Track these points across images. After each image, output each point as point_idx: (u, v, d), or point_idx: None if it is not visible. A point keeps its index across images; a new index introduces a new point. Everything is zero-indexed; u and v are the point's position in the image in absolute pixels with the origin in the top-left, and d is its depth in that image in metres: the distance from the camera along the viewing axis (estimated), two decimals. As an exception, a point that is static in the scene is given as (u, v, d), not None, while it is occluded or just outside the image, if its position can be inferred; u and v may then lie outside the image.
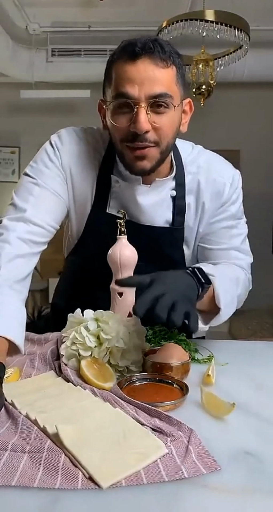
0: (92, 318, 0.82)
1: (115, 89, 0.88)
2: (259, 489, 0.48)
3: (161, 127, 0.88)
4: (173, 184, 1.03)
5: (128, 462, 0.51)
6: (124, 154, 0.93)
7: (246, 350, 1.02)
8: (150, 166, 0.92)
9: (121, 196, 1.02)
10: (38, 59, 4.06)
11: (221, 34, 2.48)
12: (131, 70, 0.85)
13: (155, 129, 0.88)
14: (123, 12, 3.50)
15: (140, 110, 0.85)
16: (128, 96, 0.85)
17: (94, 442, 0.55)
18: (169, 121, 0.89)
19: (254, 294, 1.07)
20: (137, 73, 0.84)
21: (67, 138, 1.02)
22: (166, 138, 0.90)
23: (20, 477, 0.49)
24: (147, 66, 0.85)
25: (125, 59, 0.86)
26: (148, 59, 0.84)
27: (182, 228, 1.05)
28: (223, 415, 0.65)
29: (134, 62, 0.85)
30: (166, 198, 1.02)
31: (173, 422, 0.61)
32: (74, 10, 3.54)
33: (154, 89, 0.85)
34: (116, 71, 0.88)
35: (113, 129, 0.91)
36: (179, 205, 1.03)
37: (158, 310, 0.71)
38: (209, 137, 4.48)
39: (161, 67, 0.85)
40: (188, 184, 1.04)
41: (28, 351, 0.92)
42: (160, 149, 0.91)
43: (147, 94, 0.85)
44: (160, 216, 1.03)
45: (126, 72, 0.85)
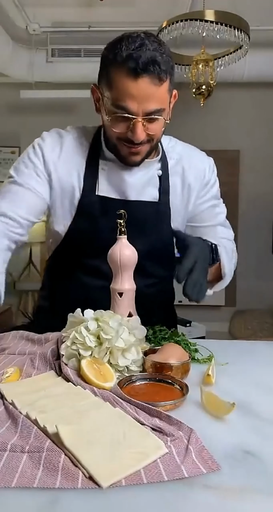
0: (93, 318, 0.82)
1: (116, 99, 0.97)
2: (259, 489, 0.48)
3: (154, 132, 1.01)
4: (159, 165, 1.15)
5: (128, 462, 0.51)
6: (119, 148, 1.04)
7: (246, 350, 1.03)
8: (140, 159, 1.06)
9: (110, 177, 1.11)
10: (38, 59, 4.06)
11: (221, 34, 2.48)
12: (132, 87, 0.94)
13: (148, 134, 1.00)
14: (123, 12, 3.50)
15: (137, 124, 0.97)
16: (128, 111, 0.96)
17: (94, 442, 0.55)
18: (160, 127, 1.02)
19: (254, 294, 1.09)
20: (137, 91, 0.94)
21: (48, 137, 1.12)
22: (156, 137, 1.04)
23: (19, 477, 0.49)
24: (146, 85, 0.94)
25: (126, 74, 0.94)
26: (147, 78, 0.94)
27: (168, 204, 1.15)
28: (223, 415, 0.65)
29: (135, 80, 0.94)
30: (153, 177, 1.13)
31: (173, 421, 0.61)
32: (74, 10, 3.54)
33: (150, 106, 0.96)
34: (117, 81, 0.96)
35: (111, 131, 1.02)
36: (164, 184, 1.15)
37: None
38: (209, 137, 4.50)
39: (158, 85, 0.95)
40: (172, 168, 1.16)
41: (28, 351, 0.92)
42: (151, 144, 1.05)
43: (145, 110, 0.96)
44: (148, 193, 1.13)
45: (127, 88, 0.94)
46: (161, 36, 2.61)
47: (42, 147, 1.10)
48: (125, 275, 0.95)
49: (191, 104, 3.63)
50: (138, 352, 0.82)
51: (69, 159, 1.10)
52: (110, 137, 1.04)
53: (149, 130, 0.99)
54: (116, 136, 1.01)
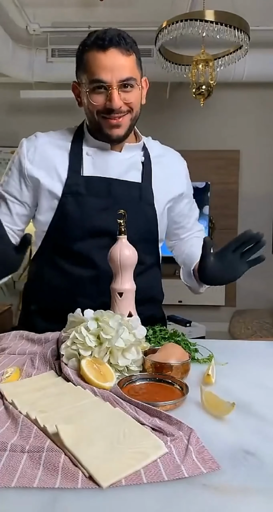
0: (93, 318, 0.82)
1: (91, 75, 1.07)
2: (259, 488, 0.48)
3: (130, 100, 1.09)
4: (142, 152, 1.23)
5: (128, 462, 0.51)
6: (101, 124, 1.11)
7: (246, 350, 1.03)
8: (123, 133, 1.12)
9: (94, 161, 1.17)
10: (38, 59, 4.06)
11: (221, 34, 2.48)
12: (103, 59, 1.06)
13: (126, 103, 1.09)
14: (123, 12, 3.50)
15: (113, 92, 1.06)
16: (103, 81, 1.06)
17: (94, 442, 0.55)
18: (135, 96, 1.11)
19: (254, 294, 1.09)
20: (108, 61, 1.05)
21: (25, 141, 1.19)
22: (134, 108, 1.12)
23: (19, 477, 0.49)
24: (115, 55, 1.06)
25: (97, 50, 1.06)
26: (115, 49, 1.05)
27: (150, 187, 1.20)
28: (223, 414, 0.65)
29: (105, 52, 1.05)
30: (136, 162, 1.21)
31: (173, 421, 0.61)
32: (74, 10, 3.54)
33: (122, 74, 1.06)
34: (90, 60, 1.07)
35: (91, 106, 1.10)
36: (146, 169, 1.22)
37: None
38: (209, 137, 4.51)
39: (125, 55, 1.07)
40: (153, 158, 1.24)
41: (28, 351, 0.92)
42: (131, 116, 1.12)
43: (117, 78, 1.06)
44: (131, 175, 1.19)
45: (99, 61, 1.06)
46: (160, 36, 2.61)
47: (19, 153, 1.17)
48: (125, 275, 0.95)
49: (191, 104, 3.63)
50: (137, 352, 0.82)
51: (48, 155, 1.16)
52: (92, 116, 1.11)
53: (126, 99, 1.08)
54: (97, 110, 1.09)
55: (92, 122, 1.13)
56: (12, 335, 1.03)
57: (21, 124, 4.54)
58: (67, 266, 1.15)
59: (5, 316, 3.42)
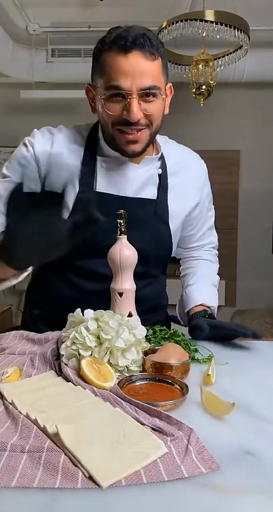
0: (93, 318, 0.82)
1: (109, 80, 0.94)
2: (259, 489, 0.48)
3: (151, 113, 0.98)
4: (159, 163, 1.13)
5: (128, 462, 0.51)
6: (115, 137, 1.00)
7: (246, 350, 1.02)
8: (140, 149, 1.02)
9: (109, 174, 1.08)
10: (38, 59, 4.06)
11: (221, 34, 2.48)
12: (124, 63, 0.92)
13: (146, 115, 0.97)
14: (123, 12, 3.50)
15: (132, 101, 0.93)
16: (122, 88, 0.93)
17: (94, 442, 0.55)
18: (157, 108, 0.99)
19: (254, 294, 1.09)
20: (129, 66, 0.92)
21: (39, 134, 1.10)
22: (155, 121, 1.00)
23: (19, 477, 0.49)
24: (138, 59, 0.92)
25: (117, 51, 0.93)
26: (138, 52, 0.92)
27: (166, 203, 1.13)
28: (223, 414, 0.65)
29: (125, 55, 0.92)
30: (153, 175, 1.11)
31: (173, 421, 0.61)
32: (74, 10, 3.54)
33: (144, 82, 0.93)
34: (108, 62, 0.94)
35: (106, 115, 0.98)
36: (163, 183, 1.13)
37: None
38: (209, 137, 4.50)
39: (150, 60, 0.93)
40: (170, 169, 1.14)
41: (28, 351, 0.92)
42: (150, 131, 1.01)
43: (138, 86, 0.93)
44: (146, 191, 1.10)
45: (119, 65, 0.92)
46: (161, 36, 2.60)
47: (33, 144, 1.07)
48: (125, 275, 0.95)
49: (191, 104, 3.63)
50: (137, 352, 0.82)
51: (62, 156, 1.07)
52: (107, 127, 1.00)
53: (146, 111, 0.96)
54: (112, 121, 0.97)
55: (107, 133, 1.03)
56: (12, 335, 1.03)
57: (21, 124, 4.53)
58: (74, 279, 1.11)
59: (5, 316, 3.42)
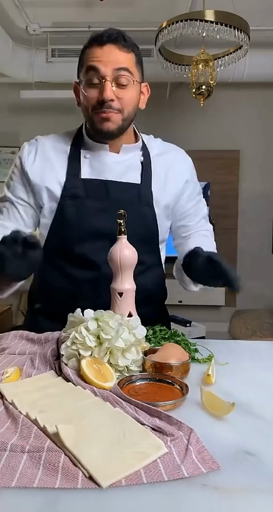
0: (92, 318, 0.82)
1: (87, 66, 1.08)
2: (259, 489, 0.48)
3: (123, 97, 1.08)
4: (140, 153, 1.21)
5: (128, 462, 0.51)
6: (93, 119, 1.10)
7: (246, 350, 1.03)
8: (113, 128, 1.10)
9: (92, 163, 1.16)
10: (38, 59, 4.06)
11: (221, 34, 2.47)
12: (99, 52, 1.06)
13: (118, 99, 1.07)
14: (123, 12, 3.50)
15: (106, 83, 1.05)
16: (96, 69, 1.06)
17: (94, 442, 0.55)
18: (130, 94, 1.09)
19: (254, 294, 1.09)
20: (104, 53, 1.06)
21: (26, 145, 1.20)
22: (127, 107, 1.10)
23: (19, 477, 0.49)
24: (112, 49, 1.06)
25: (94, 45, 1.07)
26: (112, 45, 1.06)
27: (149, 188, 1.18)
28: (223, 414, 0.65)
29: (101, 47, 1.06)
30: (135, 162, 1.19)
31: (173, 421, 0.61)
32: (74, 10, 3.54)
33: (117, 64, 1.05)
34: (87, 55, 1.09)
35: (86, 100, 1.10)
36: (146, 169, 1.19)
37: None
38: (209, 137, 4.50)
39: (123, 51, 1.07)
40: (154, 157, 1.22)
41: (28, 351, 0.92)
42: (122, 116, 1.10)
43: (112, 68, 1.05)
44: (129, 176, 1.17)
45: (95, 53, 1.07)
46: (160, 36, 2.61)
47: (21, 156, 1.18)
48: (125, 275, 0.95)
49: (191, 104, 3.63)
50: (137, 352, 0.82)
51: (48, 158, 1.16)
52: (87, 112, 1.11)
53: (119, 94, 1.06)
54: (91, 105, 1.08)
55: (87, 119, 1.14)
56: (12, 335, 1.03)
57: (21, 124, 4.55)
58: (68, 268, 1.16)
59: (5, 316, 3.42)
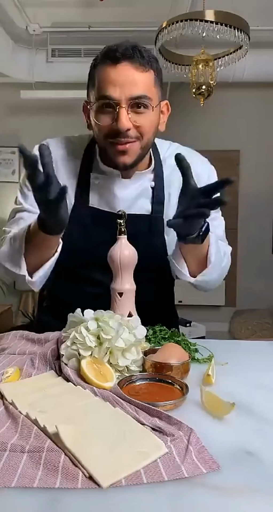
0: (93, 318, 0.82)
1: (98, 91, 0.95)
2: (259, 489, 0.48)
3: (141, 125, 0.96)
4: (151, 176, 1.10)
5: (128, 462, 0.51)
6: (107, 149, 1.00)
7: (246, 350, 1.03)
8: (131, 161, 1.00)
9: (101, 191, 1.09)
10: (38, 59, 4.06)
11: (221, 34, 2.48)
12: (113, 73, 0.93)
13: (136, 127, 0.96)
14: (123, 12, 3.50)
15: (121, 111, 0.93)
16: (110, 98, 0.93)
17: (95, 442, 0.55)
18: (148, 120, 0.97)
19: (254, 294, 1.09)
20: (118, 76, 0.92)
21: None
22: (146, 134, 0.98)
23: (19, 477, 0.49)
24: (127, 70, 0.93)
25: (107, 63, 0.94)
26: (128, 63, 0.93)
27: (161, 217, 1.10)
28: (223, 414, 0.65)
29: (115, 66, 0.93)
30: (145, 189, 1.09)
31: (173, 421, 0.61)
32: (74, 10, 3.54)
33: (133, 91, 0.93)
34: (99, 75, 0.96)
35: (97, 127, 0.99)
36: (157, 195, 1.10)
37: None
38: (209, 137, 4.51)
39: (140, 71, 0.93)
40: (167, 177, 1.11)
41: (28, 351, 0.92)
42: (141, 144, 0.99)
43: (127, 95, 0.93)
44: (140, 206, 1.09)
45: (108, 75, 0.93)
46: (161, 36, 2.61)
47: None
48: (125, 275, 0.95)
49: (191, 104, 3.63)
50: (138, 352, 0.82)
51: (58, 172, 1.06)
52: (100, 140, 1.01)
53: (136, 122, 0.95)
54: (104, 133, 0.97)
55: (100, 147, 1.04)
56: (12, 335, 1.03)
57: (21, 124, 4.55)
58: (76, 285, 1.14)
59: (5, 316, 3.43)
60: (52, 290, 1.24)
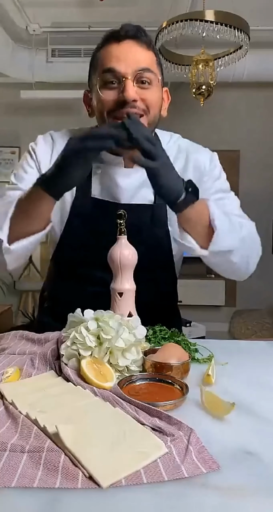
0: (93, 318, 0.82)
1: (103, 66, 0.95)
2: (259, 489, 0.48)
3: (147, 98, 0.96)
4: None
5: (128, 462, 0.51)
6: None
7: (246, 350, 1.02)
8: None
9: (102, 181, 1.07)
10: (38, 59, 4.06)
11: (221, 34, 2.48)
12: (117, 49, 0.93)
13: (142, 100, 0.95)
14: (123, 12, 3.50)
15: (127, 82, 0.92)
16: (115, 71, 0.93)
17: (95, 442, 0.55)
18: (153, 95, 0.97)
19: (254, 294, 1.08)
20: (122, 51, 0.93)
21: (41, 140, 1.11)
22: (152, 109, 0.97)
23: (19, 477, 0.49)
24: (131, 46, 0.94)
25: (110, 42, 0.95)
26: (131, 41, 0.94)
27: (164, 207, 1.08)
28: (223, 414, 0.65)
29: (119, 43, 0.94)
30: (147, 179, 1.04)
31: (173, 421, 0.61)
32: (74, 10, 3.55)
33: (138, 64, 0.93)
34: (102, 55, 0.96)
35: (100, 103, 0.97)
36: None
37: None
38: (209, 137, 4.49)
39: (144, 48, 0.95)
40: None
41: (28, 351, 0.92)
42: (148, 119, 0.98)
43: (133, 68, 0.93)
44: (142, 196, 1.08)
45: (112, 51, 0.94)
46: (161, 36, 2.61)
47: (36, 151, 1.09)
48: (125, 275, 0.95)
49: (191, 104, 3.63)
50: (138, 352, 0.82)
51: None
52: (103, 119, 0.98)
53: (142, 95, 0.94)
54: (108, 109, 0.95)
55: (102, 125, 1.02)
56: (12, 335, 1.03)
57: (21, 124, 4.56)
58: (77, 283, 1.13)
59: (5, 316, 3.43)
60: (53, 291, 1.24)
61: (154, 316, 1.02)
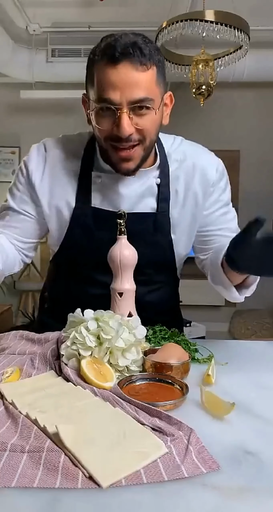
0: (93, 318, 0.82)
1: (98, 92, 0.90)
2: (259, 489, 0.48)
3: (143, 128, 0.92)
4: (157, 172, 1.06)
5: (128, 462, 0.51)
6: (109, 153, 0.96)
7: (246, 350, 1.02)
8: (134, 166, 0.97)
9: (103, 190, 1.05)
10: (38, 59, 4.06)
11: (221, 34, 2.48)
12: (112, 75, 0.87)
13: (138, 130, 0.92)
14: (123, 12, 3.50)
15: (122, 115, 0.88)
16: (111, 102, 0.88)
17: (95, 442, 0.55)
18: (151, 121, 0.93)
19: (254, 294, 1.08)
20: (118, 77, 0.87)
21: (34, 153, 1.08)
22: (149, 136, 0.94)
23: (19, 477, 0.49)
24: (127, 70, 0.87)
25: (106, 63, 0.88)
26: (128, 63, 0.87)
27: (167, 214, 1.07)
28: (223, 414, 0.65)
29: (115, 66, 0.87)
30: (150, 186, 1.05)
31: (173, 421, 0.61)
32: (74, 10, 3.55)
33: (135, 94, 0.88)
34: (98, 74, 0.90)
35: (98, 130, 0.95)
36: (163, 192, 1.06)
37: None
38: (209, 137, 4.48)
39: (140, 71, 0.88)
40: (173, 172, 1.07)
41: (28, 351, 0.92)
42: (144, 146, 0.95)
43: (128, 99, 0.88)
44: (144, 204, 1.06)
45: (108, 77, 0.88)
46: (161, 36, 2.61)
47: (28, 166, 1.07)
48: (125, 275, 0.95)
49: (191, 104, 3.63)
50: (138, 352, 0.82)
51: (57, 173, 1.06)
52: (100, 141, 0.97)
53: (138, 125, 0.90)
54: (104, 136, 0.94)
55: (101, 147, 1.00)
56: (12, 335, 1.03)
57: (21, 124, 4.55)
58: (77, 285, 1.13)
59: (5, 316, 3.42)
60: (53, 292, 1.24)
61: (156, 318, 1.02)
